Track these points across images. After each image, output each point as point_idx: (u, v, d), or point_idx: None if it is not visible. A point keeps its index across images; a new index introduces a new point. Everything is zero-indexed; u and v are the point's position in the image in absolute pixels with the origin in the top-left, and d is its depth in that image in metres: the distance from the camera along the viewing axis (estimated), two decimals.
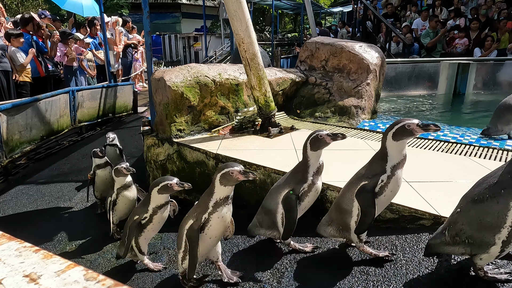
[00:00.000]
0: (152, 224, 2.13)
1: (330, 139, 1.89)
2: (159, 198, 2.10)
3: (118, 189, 2.65)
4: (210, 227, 1.77)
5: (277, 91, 4.19)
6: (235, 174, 1.70)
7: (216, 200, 1.76)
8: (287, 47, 16.65)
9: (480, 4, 9.28)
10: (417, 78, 6.68)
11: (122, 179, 2.64)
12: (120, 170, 2.59)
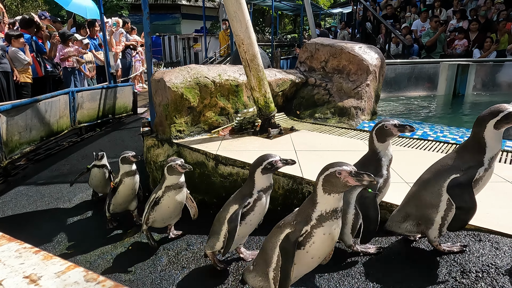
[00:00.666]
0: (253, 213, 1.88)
1: (397, 130, 1.73)
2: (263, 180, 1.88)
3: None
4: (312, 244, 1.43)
5: (276, 92, 4.19)
6: (343, 176, 1.34)
7: (321, 213, 1.41)
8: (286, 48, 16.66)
9: (480, 6, 9.30)
10: (417, 79, 6.69)
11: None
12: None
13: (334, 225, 1.41)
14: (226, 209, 1.90)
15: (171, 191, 2.34)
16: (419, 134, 3.58)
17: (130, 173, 2.82)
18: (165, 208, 2.39)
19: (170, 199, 2.36)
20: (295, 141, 3.31)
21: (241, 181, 2.80)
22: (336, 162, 1.41)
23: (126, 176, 2.81)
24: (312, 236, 1.41)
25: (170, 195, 2.35)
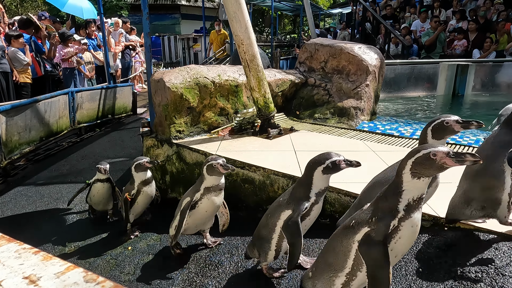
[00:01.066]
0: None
1: (460, 127, 1.58)
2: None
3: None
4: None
5: (276, 92, 4.19)
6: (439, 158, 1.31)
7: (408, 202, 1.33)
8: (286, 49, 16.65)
9: (479, 6, 9.30)
10: (416, 79, 6.69)
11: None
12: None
13: (419, 215, 1.29)
14: (276, 215, 1.73)
15: (210, 193, 2.13)
16: (418, 134, 3.58)
17: (147, 182, 2.66)
18: (202, 212, 2.18)
19: (209, 202, 2.15)
20: (294, 142, 3.31)
21: (240, 181, 2.80)
22: (425, 145, 1.34)
23: (143, 185, 2.65)
24: (399, 231, 1.26)
25: (209, 198, 2.14)
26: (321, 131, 3.77)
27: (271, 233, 1.75)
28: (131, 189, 2.65)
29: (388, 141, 3.38)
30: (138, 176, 2.64)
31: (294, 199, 1.70)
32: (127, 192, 2.64)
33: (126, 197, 2.62)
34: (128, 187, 2.68)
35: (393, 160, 2.73)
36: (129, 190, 2.65)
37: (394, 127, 3.91)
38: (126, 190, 2.69)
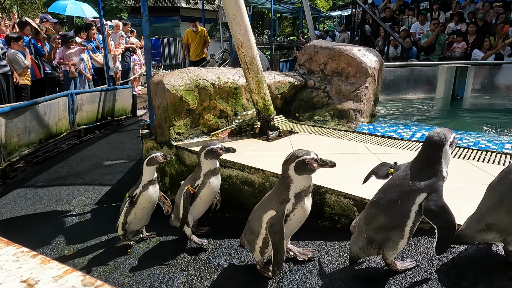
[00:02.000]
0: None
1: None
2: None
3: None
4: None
5: (276, 94, 4.20)
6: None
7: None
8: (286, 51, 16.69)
9: (478, 8, 9.33)
10: (416, 82, 6.70)
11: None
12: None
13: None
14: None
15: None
16: (418, 136, 3.59)
17: (214, 172, 2.30)
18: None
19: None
20: (294, 144, 3.31)
21: (240, 184, 2.79)
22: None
23: (210, 176, 2.27)
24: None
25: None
26: (321, 133, 3.77)
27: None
28: (196, 178, 2.28)
29: (388, 143, 3.38)
30: (206, 164, 2.27)
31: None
32: (188, 183, 2.27)
33: (189, 189, 2.22)
34: (189, 179, 2.34)
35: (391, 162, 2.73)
36: (192, 181, 2.28)
37: (394, 129, 3.91)
38: (186, 182, 2.35)
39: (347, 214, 2.27)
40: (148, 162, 2.42)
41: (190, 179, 2.33)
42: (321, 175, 2.48)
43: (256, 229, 1.83)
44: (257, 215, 1.84)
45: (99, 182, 4.14)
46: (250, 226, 1.90)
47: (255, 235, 1.85)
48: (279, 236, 1.69)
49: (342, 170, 2.61)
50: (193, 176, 2.32)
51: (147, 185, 2.47)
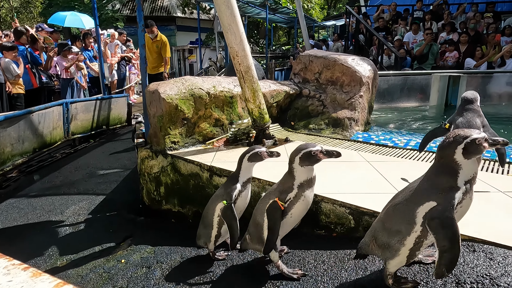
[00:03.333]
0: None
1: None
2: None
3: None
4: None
5: (271, 103, 4.22)
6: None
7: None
8: (281, 60, 16.82)
9: (469, 18, 9.51)
10: (409, 90, 6.77)
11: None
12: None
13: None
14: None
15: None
16: (412, 144, 3.61)
17: (310, 183, 1.82)
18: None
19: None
20: (289, 152, 3.31)
21: None
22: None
23: (306, 187, 1.80)
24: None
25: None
26: (316, 141, 3.78)
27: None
28: (287, 190, 1.79)
29: (382, 152, 3.40)
30: (302, 173, 1.78)
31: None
32: (275, 196, 1.81)
33: (278, 204, 1.76)
34: (274, 191, 1.85)
35: (387, 170, 2.75)
36: (281, 194, 1.79)
37: (388, 138, 3.94)
38: (270, 195, 1.85)
39: (342, 222, 2.26)
40: (250, 158, 2.05)
41: (276, 191, 1.83)
42: (317, 183, 2.49)
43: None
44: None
45: (94, 191, 4.10)
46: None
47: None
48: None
49: (337, 179, 2.61)
50: (281, 187, 1.83)
51: (245, 184, 2.10)
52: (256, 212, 1.95)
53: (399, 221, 1.51)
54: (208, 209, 2.16)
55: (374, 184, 2.50)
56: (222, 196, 2.07)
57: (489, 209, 2.14)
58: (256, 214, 1.94)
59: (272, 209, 1.79)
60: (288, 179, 1.82)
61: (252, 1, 11.52)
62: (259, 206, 1.94)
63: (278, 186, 1.87)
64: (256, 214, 1.94)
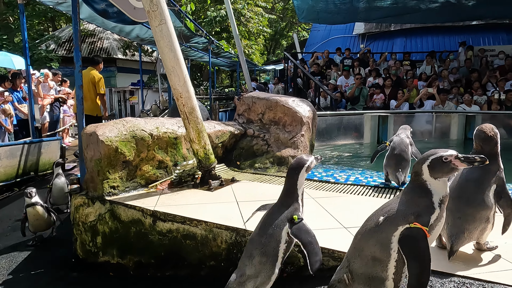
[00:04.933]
0: None
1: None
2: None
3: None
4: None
5: (216, 143, 4.22)
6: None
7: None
8: (225, 101, 17.19)
9: (390, 66, 10.76)
10: (345, 129, 7.27)
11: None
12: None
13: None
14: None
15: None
16: (352, 180, 3.81)
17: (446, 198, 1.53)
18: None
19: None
20: (236, 192, 3.29)
21: (181, 238, 2.65)
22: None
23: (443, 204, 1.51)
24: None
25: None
26: (262, 180, 3.82)
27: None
28: (429, 211, 1.46)
29: (325, 188, 3.53)
30: (438, 186, 1.49)
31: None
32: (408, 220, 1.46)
33: (424, 231, 1.41)
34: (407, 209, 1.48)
35: (331, 206, 2.84)
36: (422, 215, 1.45)
37: (330, 174, 4.12)
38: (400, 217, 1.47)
39: (292, 261, 2.25)
40: (308, 169, 2.00)
41: (406, 214, 1.46)
42: None
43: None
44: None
45: (16, 247, 3.61)
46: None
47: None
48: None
49: None
50: (414, 207, 1.46)
51: (302, 200, 1.97)
52: (366, 244, 1.50)
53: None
54: (268, 241, 1.77)
55: (320, 220, 2.56)
56: (284, 220, 1.81)
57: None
58: (366, 246, 1.51)
59: (418, 238, 1.37)
60: (422, 196, 1.46)
61: (195, 46, 11.83)
62: (369, 235, 1.51)
63: (404, 207, 1.46)
64: (366, 246, 1.51)
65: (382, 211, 1.54)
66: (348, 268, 1.56)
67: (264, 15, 19.53)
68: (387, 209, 1.53)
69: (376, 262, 1.46)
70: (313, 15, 11.38)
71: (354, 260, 1.55)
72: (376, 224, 1.50)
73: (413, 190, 1.51)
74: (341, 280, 1.56)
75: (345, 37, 15.36)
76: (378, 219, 1.50)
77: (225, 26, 17.54)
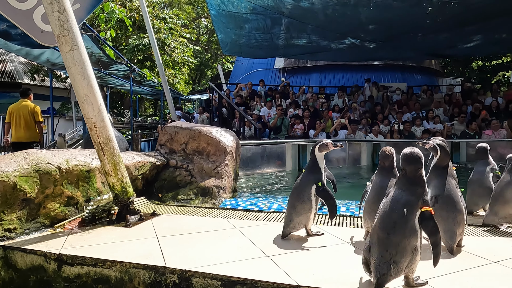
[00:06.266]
0: None
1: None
2: None
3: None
4: None
5: (136, 175, 3.99)
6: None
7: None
8: (148, 130, 16.55)
9: (308, 98, 11.64)
10: (269, 158, 7.53)
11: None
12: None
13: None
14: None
15: None
16: (275, 207, 3.91)
17: None
18: None
19: None
20: (157, 227, 3.11)
21: (92, 283, 2.37)
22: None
23: None
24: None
25: None
26: (185, 212, 3.69)
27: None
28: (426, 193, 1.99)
29: (249, 217, 3.55)
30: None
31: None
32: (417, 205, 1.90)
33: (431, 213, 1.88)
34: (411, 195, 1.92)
35: (255, 235, 2.85)
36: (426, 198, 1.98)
37: (254, 202, 4.17)
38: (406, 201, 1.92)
39: None
40: (320, 148, 2.71)
41: (412, 198, 1.90)
42: (186, 258, 2.37)
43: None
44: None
45: None
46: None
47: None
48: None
49: (208, 251, 2.55)
50: (417, 192, 1.91)
51: (325, 170, 2.81)
52: (401, 237, 1.83)
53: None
54: (301, 195, 2.69)
55: (244, 251, 2.54)
56: (311, 182, 2.67)
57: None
58: (402, 239, 1.82)
59: (431, 218, 1.85)
60: (421, 186, 1.91)
61: (115, 73, 11.34)
62: (403, 228, 1.83)
63: (413, 196, 1.87)
64: (402, 239, 1.82)
65: (398, 204, 1.87)
66: (392, 260, 1.81)
67: (189, 46, 19.73)
68: (401, 202, 1.87)
69: (412, 244, 1.83)
70: (237, 48, 11.89)
71: (394, 252, 1.81)
72: (403, 215, 1.83)
73: (409, 183, 1.91)
74: (390, 270, 1.81)
75: (267, 71, 16.27)
76: (403, 211, 1.83)
77: (148, 55, 17.21)
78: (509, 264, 2.26)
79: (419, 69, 16.24)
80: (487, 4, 7.97)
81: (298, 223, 2.72)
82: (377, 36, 10.58)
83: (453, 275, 2.12)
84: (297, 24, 9.63)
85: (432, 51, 12.64)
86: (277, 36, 10.44)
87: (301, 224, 2.73)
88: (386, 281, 1.81)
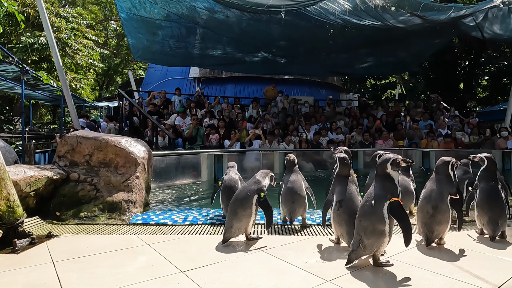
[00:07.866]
0: None
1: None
2: None
3: None
4: None
5: (27, 192, 3.47)
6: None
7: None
8: (44, 140, 14.64)
9: (223, 108, 11.74)
10: (183, 168, 7.32)
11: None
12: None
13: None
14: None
15: None
16: (190, 220, 3.79)
17: None
18: None
19: None
20: (53, 250, 2.74)
21: None
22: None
23: None
24: None
25: None
26: (89, 231, 3.34)
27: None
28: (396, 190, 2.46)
29: (163, 231, 3.38)
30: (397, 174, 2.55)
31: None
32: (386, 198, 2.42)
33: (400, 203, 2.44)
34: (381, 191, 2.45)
35: (168, 251, 2.72)
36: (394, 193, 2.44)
37: (167, 216, 3.98)
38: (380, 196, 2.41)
39: None
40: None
41: (383, 193, 2.40)
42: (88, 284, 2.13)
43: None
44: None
45: None
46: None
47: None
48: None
49: (114, 273, 2.33)
50: (385, 190, 2.42)
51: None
52: (369, 222, 2.33)
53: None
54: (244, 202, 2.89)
55: (155, 268, 2.39)
56: (253, 193, 2.94)
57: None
58: (370, 223, 2.32)
59: (399, 207, 2.30)
60: (390, 181, 2.39)
61: (3, 74, 9.81)
62: (370, 215, 2.33)
63: (382, 191, 2.35)
64: (370, 223, 2.32)
65: (370, 197, 2.37)
66: (361, 239, 2.34)
67: (95, 49, 18.18)
68: (372, 195, 2.37)
69: (377, 228, 2.31)
70: (150, 55, 11.39)
71: (363, 234, 2.33)
72: (371, 206, 2.34)
73: (382, 180, 2.41)
74: (358, 247, 2.34)
75: (182, 79, 15.92)
76: (371, 203, 2.34)
77: (46, 55, 15.32)
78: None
79: (324, 84, 17.78)
80: (374, 31, 9.23)
81: (239, 228, 2.87)
82: (287, 52, 11.28)
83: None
84: (212, 35, 9.69)
85: (334, 68, 14.05)
86: (192, 45, 10.34)
87: (241, 230, 2.89)
88: (356, 257, 2.37)
